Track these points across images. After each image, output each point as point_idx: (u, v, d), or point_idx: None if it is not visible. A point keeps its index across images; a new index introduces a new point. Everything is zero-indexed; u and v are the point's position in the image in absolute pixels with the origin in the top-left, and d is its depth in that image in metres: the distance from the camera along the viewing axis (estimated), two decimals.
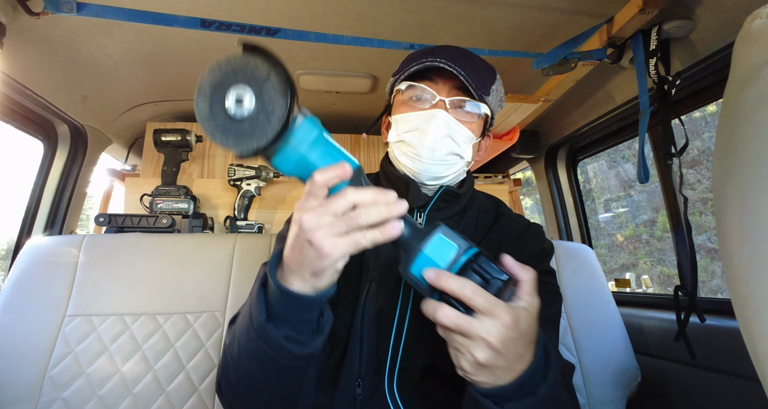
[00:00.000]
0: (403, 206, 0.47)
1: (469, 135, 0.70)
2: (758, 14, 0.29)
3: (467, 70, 0.66)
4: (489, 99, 0.70)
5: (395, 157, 0.73)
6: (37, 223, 1.34)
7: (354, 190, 0.46)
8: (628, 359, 1.14)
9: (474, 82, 0.66)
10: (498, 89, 0.73)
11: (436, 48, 0.72)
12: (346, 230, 0.45)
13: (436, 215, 0.73)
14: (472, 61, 0.70)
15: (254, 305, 0.51)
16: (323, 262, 0.46)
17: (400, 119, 0.71)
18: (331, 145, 0.48)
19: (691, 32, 0.95)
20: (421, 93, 0.70)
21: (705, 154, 3.76)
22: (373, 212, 0.45)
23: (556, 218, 1.74)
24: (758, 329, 0.27)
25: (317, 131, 0.47)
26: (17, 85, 1.08)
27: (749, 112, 0.28)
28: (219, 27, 0.92)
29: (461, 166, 0.72)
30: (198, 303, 1.08)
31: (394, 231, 0.46)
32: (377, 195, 0.46)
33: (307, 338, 0.52)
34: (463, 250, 0.47)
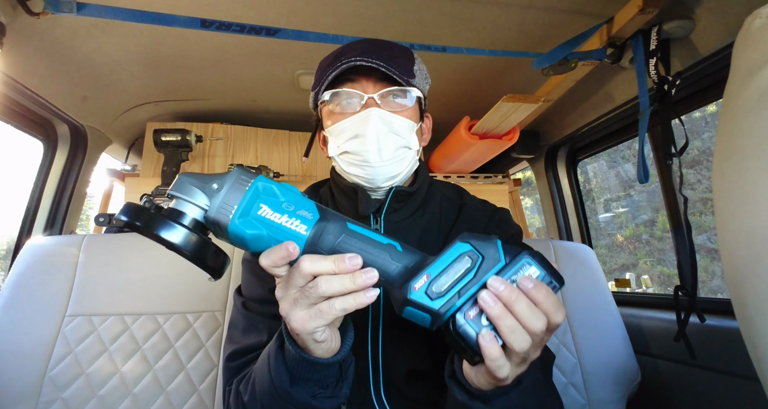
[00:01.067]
0: (371, 275, 0.42)
1: (409, 123, 0.67)
2: (758, 14, 0.29)
3: (384, 59, 0.63)
4: (416, 81, 0.67)
5: (342, 170, 0.70)
6: (37, 223, 1.34)
7: (310, 260, 0.42)
8: (628, 359, 1.14)
9: (396, 68, 0.63)
10: (420, 68, 0.70)
11: (345, 47, 0.69)
12: (309, 303, 0.43)
13: (393, 217, 0.71)
14: (386, 48, 0.67)
15: (274, 369, 0.50)
16: (300, 336, 0.45)
17: (335, 130, 0.68)
18: (271, 225, 0.44)
19: (691, 32, 0.95)
20: (347, 97, 0.67)
21: (705, 154, 3.76)
22: (336, 283, 0.42)
23: (556, 217, 1.74)
24: (758, 329, 0.27)
25: (247, 231, 0.43)
26: (17, 85, 1.08)
27: (749, 111, 0.28)
28: (219, 27, 0.92)
29: (412, 158, 0.69)
30: (198, 303, 1.08)
31: (368, 300, 0.42)
32: (337, 263, 0.42)
33: (334, 390, 0.51)
34: (436, 320, 0.43)
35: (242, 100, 1.57)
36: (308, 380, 0.49)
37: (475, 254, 0.44)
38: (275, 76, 1.37)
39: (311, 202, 0.46)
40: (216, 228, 0.44)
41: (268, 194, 0.44)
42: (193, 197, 0.43)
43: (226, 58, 1.25)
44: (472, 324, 0.42)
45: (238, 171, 0.45)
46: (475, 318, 0.42)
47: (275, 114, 1.69)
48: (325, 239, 0.44)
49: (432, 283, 0.42)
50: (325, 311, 0.42)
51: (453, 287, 0.42)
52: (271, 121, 1.74)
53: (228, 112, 1.68)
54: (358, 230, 0.46)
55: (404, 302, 0.43)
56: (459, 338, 0.42)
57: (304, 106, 1.64)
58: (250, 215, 0.43)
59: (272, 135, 1.74)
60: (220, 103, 1.60)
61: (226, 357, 0.66)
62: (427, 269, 0.43)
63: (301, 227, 0.44)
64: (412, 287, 0.42)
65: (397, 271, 0.44)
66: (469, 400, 0.48)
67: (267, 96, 1.52)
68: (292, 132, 1.77)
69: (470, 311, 0.42)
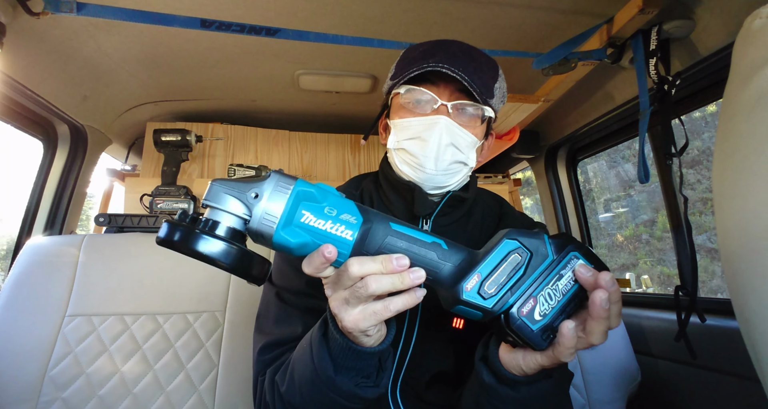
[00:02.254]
0: (418, 275, 0.43)
1: (473, 140, 0.66)
2: (758, 14, 0.29)
3: (470, 71, 0.62)
4: (493, 100, 0.66)
5: (396, 164, 0.69)
6: (37, 223, 1.34)
7: (358, 263, 0.42)
8: (628, 359, 1.14)
9: (478, 85, 0.62)
10: (501, 86, 0.69)
11: (436, 46, 0.67)
12: (360, 302, 0.44)
13: (441, 221, 0.71)
14: (475, 59, 0.65)
15: (317, 357, 0.50)
16: (351, 333, 0.46)
17: (399, 125, 0.67)
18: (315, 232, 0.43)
19: (691, 32, 0.95)
20: (422, 96, 0.66)
21: (705, 154, 3.76)
22: (385, 282, 0.43)
23: (556, 218, 1.74)
24: (758, 329, 0.27)
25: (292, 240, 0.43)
26: (17, 85, 1.08)
27: (749, 111, 0.28)
28: (219, 27, 0.92)
29: (465, 173, 0.69)
30: (198, 303, 1.08)
31: (417, 300, 0.44)
32: (385, 264, 0.43)
33: (375, 380, 0.52)
34: (488, 317, 0.45)
35: (242, 100, 1.57)
36: (351, 369, 0.50)
37: (523, 251, 0.45)
38: (275, 76, 1.37)
39: (352, 204, 0.45)
40: (259, 238, 0.43)
41: (309, 199, 0.44)
42: (231, 207, 0.42)
43: (226, 58, 1.25)
44: (526, 321, 0.43)
45: (276, 177, 0.44)
46: (528, 314, 0.43)
47: (275, 114, 1.69)
48: (371, 242, 0.44)
49: (483, 282, 0.44)
50: (379, 312, 0.44)
51: (504, 285, 0.44)
52: (271, 121, 1.74)
53: (228, 112, 1.68)
54: (402, 229, 0.46)
55: (456, 301, 0.44)
56: (513, 332, 0.43)
57: (304, 106, 1.64)
58: (294, 224, 0.43)
59: (272, 135, 1.74)
60: (220, 103, 1.60)
61: (258, 350, 0.65)
62: (477, 268, 0.44)
63: (347, 233, 0.43)
64: (464, 287, 0.44)
65: (445, 270, 0.45)
66: (497, 384, 0.49)
67: (267, 96, 1.52)
68: (292, 132, 1.77)
69: (523, 308, 0.43)
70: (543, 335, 0.43)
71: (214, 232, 0.41)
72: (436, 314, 0.67)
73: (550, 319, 0.44)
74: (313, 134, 1.79)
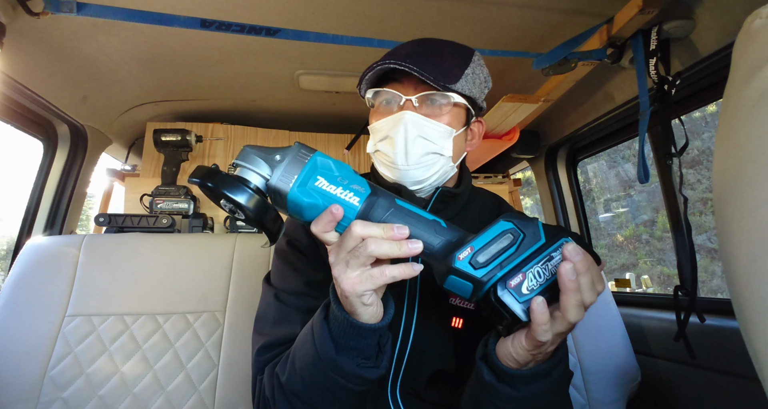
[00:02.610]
0: (416, 245, 0.45)
1: (445, 129, 0.66)
2: (758, 14, 0.29)
3: (422, 62, 0.63)
4: (460, 85, 0.65)
5: (377, 168, 0.71)
6: (37, 223, 1.34)
7: (361, 224, 0.45)
8: (628, 359, 1.14)
9: (433, 73, 0.62)
10: (476, 71, 0.69)
11: (397, 47, 0.69)
12: (359, 264, 0.45)
13: None
14: (434, 50, 0.66)
15: (319, 339, 0.51)
16: (348, 298, 0.47)
17: (373, 128, 0.69)
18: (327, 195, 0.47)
19: (691, 32, 0.95)
20: (386, 96, 0.67)
21: (705, 154, 3.76)
22: (384, 246, 0.44)
23: (556, 218, 1.74)
24: (758, 329, 0.27)
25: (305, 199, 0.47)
26: (17, 85, 1.08)
27: (749, 111, 0.28)
28: (219, 27, 0.92)
29: (443, 164, 0.68)
30: (198, 303, 1.08)
31: (414, 272, 0.46)
32: (386, 230, 0.45)
33: (375, 361, 0.53)
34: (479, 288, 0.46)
35: (242, 100, 1.57)
36: (352, 349, 0.51)
37: (516, 232, 0.47)
38: (275, 76, 1.37)
39: (363, 179, 0.49)
40: (276, 196, 0.47)
41: (325, 168, 0.48)
42: (257, 166, 0.47)
43: (226, 58, 1.25)
44: (513, 293, 0.44)
45: (298, 146, 0.49)
46: (516, 287, 0.45)
47: (275, 114, 1.69)
48: (375, 212, 0.47)
49: (476, 254, 0.46)
50: (375, 276, 0.45)
51: (495, 259, 0.46)
52: (271, 121, 1.74)
53: (228, 112, 1.68)
54: (406, 206, 0.49)
55: (448, 270, 0.45)
56: (500, 305, 0.45)
57: (304, 106, 1.64)
58: (308, 186, 0.47)
59: (272, 135, 1.74)
60: (220, 103, 1.60)
61: (256, 351, 0.65)
62: (471, 242, 0.46)
63: (354, 199, 0.47)
64: (457, 256, 0.46)
65: (440, 244, 0.47)
66: (497, 382, 0.50)
67: (267, 96, 1.52)
68: (292, 132, 1.77)
69: (511, 280, 0.45)
70: (528, 309, 0.45)
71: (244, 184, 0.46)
72: (434, 312, 0.68)
73: (537, 295, 0.45)
74: (313, 134, 1.79)
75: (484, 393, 0.52)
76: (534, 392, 0.49)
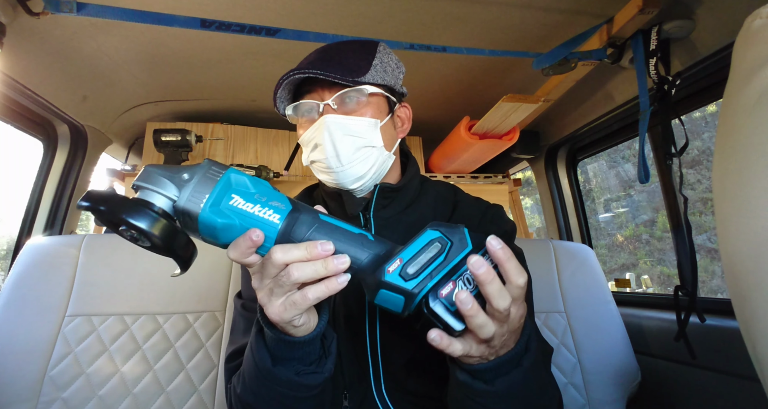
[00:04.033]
0: (342, 261, 0.44)
1: (368, 121, 0.67)
2: (758, 14, 0.29)
3: (327, 65, 0.64)
4: (370, 75, 0.67)
5: (318, 176, 0.72)
6: (37, 223, 1.34)
7: (281, 250, 0.42)
8: (628, 359, 1.14)
9: (338, 71, 0.64)
10: (383, 60, 0.70)
11: (303, 59, 0.72)
12: (284, 292, 0.44)
13: (382, 214, 0.72)
14: (334, 52, 0.68)
15: (256, 352, 0.51)
16: (278, 324, 0.46)
17: (302, 141, 0.71)
18: (243, 214, 0.43)
19: (691, 32, 0.95)
20: (304, 108, 0.69)
21: (705, 154, 3.76)
22: (308, 269, 0.42)
23: (556, 218, 1.74)
24: (758, 329, 0.27)
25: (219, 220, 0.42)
26: (17, 85, 1.08)
27: (749, 112, 0.28)
28: (219, 27, 0.92)
29: (378, 155, 0.68)
30: (198, 303, 1.08)
31: (339, 285, 0.44)
32: (309, 250, 0.43)
33: (317, 366, 0.52)
34: (410, 301, 0.44)
35: (242, 100, 1.57)
36: (291, 360, 0.50)
37: (444, 240, 0.46)
38: (275, 76, 1.37)
39: (283, 195, 0.46)
40: (186, 218, 0.43)
41: (240, 185, 0.44)
42: (162, 187, 0.42)
43: (226, 58, 1.25)
44: (444, 302, 0.43)
45: (208, 162, 0.45)
46: (447, 296, 0.44)
47: (275, 114, 1.68)
48: (298, 229, 0.44)
49: (405, 266, 0.44)
50: (298, 302, 0.43)
51: (425, 269, 0.44)
52: (271, 121, 1.74)
53: (228, 112, 1.68)
54: (330, 220, 0.47)
55: (378, 285, 0.44)
56: (433, 316, 0.43)
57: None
58: (222, 205, 0.43)
59: (272, 135, 1.74)
60: (220, 103, 1.60)
61: (225, 359, 0.66)
62: (399, 254, 0.45)
63: (274, 217, 0.44)
64: (386, 270, 0.44)
65: (368, 259, 0.45)
66: (471, 380, 0.49)
67: (267, 96, 1.52)
68: (292, 132, 1.77)
69: (442, 290, 0.44)
70: (461, 316, 0.44)
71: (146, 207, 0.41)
72: None
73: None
74: None
75: (461, 392, 0.51)
76: (509, 384, 0.49)
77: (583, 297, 1.19)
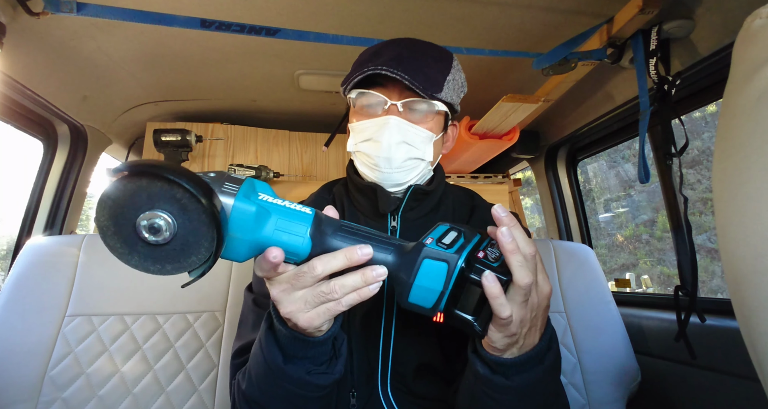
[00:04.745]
0: (380, 273, 0.44)
1: (427, 134, 0.68)
2: (758, 14, 0.29)
3: (413, 70, 0.63)
4: (444, 93, 0.66)
5: (357, 167, 0.72)
6: (37, 223, 1.34)
7: (321, 262, 0.42)
8: (628, 359, 1.14)
9: (421, 82, 0.63)
10: (455, 78, 0.70)
11: (384, 46, 0.69)
12: (320, 302, 0.44)
13: (409, 215, 0.72)
14: (421, 55, 0.66)
15: (266, 349, 0.51)
16: (306, 330, 0.46)
17: (355, 128, 0.70)
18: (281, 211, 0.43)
19: (691, 32, 0.95)
20: (371, 99, 0.67)
21: (705, 154, 3.76)
22: (349, 284, 0.43)
23: (556, 218, 1.74)
24: (758, 329, 0.27)
25: (254, 208, 0.41)
26: (17, 85, 1.08)
27: (749, 112, 0.28)
28: (219, 27, 0.92)
29: (423, 168, 0.70)
30: (198, 303, 1.08)
31: (371, 292, 0.44)
32: (349, 256, 0.43)
33: (328, 366, 0.52)
34: (454, 264, 0.45)
35: (242, 100, 1.57)
36: (303, 358, 0.50)
37: (457, 229, 0.49)
38: (275, 76, 1.37)
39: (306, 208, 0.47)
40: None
41: (263, 187, 0.45)
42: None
43: (226, 58, 1.25)
44: (485, 261, 0.46)
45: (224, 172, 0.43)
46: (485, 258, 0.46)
47: (275, 114, 1.69)
48: (326, 228, 0.45)
49: (438, 240, 0.46)
50: (332, 310, 0.44)
51: (455, 243, 0.46)
52: (271, 121, 1.74)
53: (228, 112, 1.68)
54: (349, 223, 0.47)
55: (421, 257, 0.45)
56: (481, 267, 0.45)
57: (304, 106, 1.64)
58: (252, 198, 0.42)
59: (272, 135, 1.74)
60: (220, 103, 1.60)
61: (232, 354, 0.66)
62: (428, 235, 0.47)
63: (306, 209, 0.45)
64: (425, 242, 0.46)
65: (395, 259, 0.46)
66: (491, 374, 0.50)
67: (267, 96, 1.52)
68: (292, 132, 1.77)
69: (477, 254, 0.46)
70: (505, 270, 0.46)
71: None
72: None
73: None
74: (313, 134, 1.79)
75: (478, 385, 0.52)
76: (527, 380, 0.49)
77: (583, 297, 1.19)
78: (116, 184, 0.36)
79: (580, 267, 1.23)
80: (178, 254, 0.38)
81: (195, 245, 0.37)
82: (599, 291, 1.21)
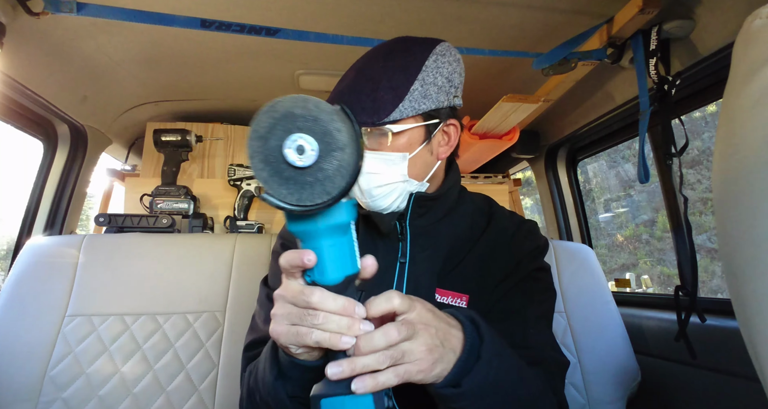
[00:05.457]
0: (367, 326, 0.43)
1: (393, 157, 0.64)
2: (758, 14, 0.29)
3: (355, 95, 0.61)
4: (399, 111, 0.61)
5: None
6: (37, 223, 1.34)
7: (324, 294, 0.42)
8: (628, 359, 1.14)
9: (364, 105, 0.61)
10: (427, 79, 0.64)
11: (344, 74, 0.67)
12: (295, 323, 0.43)
13: (419, 223, 0.70)
14: (370, 79, 0.63)
15: (267, 362, 0.52)
16: (277, 341, 0.46)
17: None
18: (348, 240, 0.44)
19: (691, 32, 0.95)
20: None
21: (705, 154, 3.76)
22: (333, 322, 0.42)
23: (556, 217, 1.74)
24: (758, 329, 0.27)
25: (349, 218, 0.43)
26: (17, 85, 1.08)
27: (749, 111, 0.28)
28: (219, 27, 0.92)
29: (404, 188, 0.66)
30: (198, 303, 1.08)
31: (343, 346, 0.42)
32: (346, 307, 0.42)
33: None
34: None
35: (242, 100, 1.57)
36: (290, 379, 0.51)
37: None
38: (275, 76, 1.37)
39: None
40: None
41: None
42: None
43: (226, 58, 1.25)
44: None
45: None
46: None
47: None
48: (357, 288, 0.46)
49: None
50: (302, 334, 0.43)
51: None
52: None
53: (228, 112, 1.68)
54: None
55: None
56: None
57: None
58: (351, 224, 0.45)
59: None
60: (220, 103, 1.60)
61: (244, 347, 0.67)
62: None
63: (358, 258, 0.45)
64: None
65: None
66: (440, 389, 0.48)
67: (267, 96, 1.52)
68: None
69: None
70: None
71: None
72: None
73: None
74: None
75: (439, 401, 0.50)
76: (475, 381, 0.47)
77: (583, 297, 1.19)
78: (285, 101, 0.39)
79: (580, 267, 1.23)
80: (319, 182, 0.39)
81: (334, 176, 0.39)
82: (599, 291, 1.21)
